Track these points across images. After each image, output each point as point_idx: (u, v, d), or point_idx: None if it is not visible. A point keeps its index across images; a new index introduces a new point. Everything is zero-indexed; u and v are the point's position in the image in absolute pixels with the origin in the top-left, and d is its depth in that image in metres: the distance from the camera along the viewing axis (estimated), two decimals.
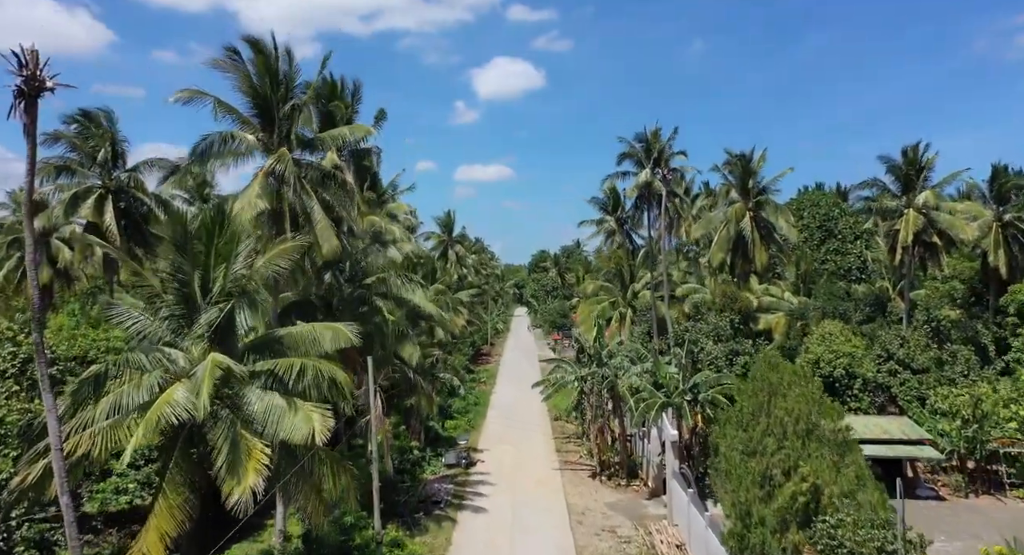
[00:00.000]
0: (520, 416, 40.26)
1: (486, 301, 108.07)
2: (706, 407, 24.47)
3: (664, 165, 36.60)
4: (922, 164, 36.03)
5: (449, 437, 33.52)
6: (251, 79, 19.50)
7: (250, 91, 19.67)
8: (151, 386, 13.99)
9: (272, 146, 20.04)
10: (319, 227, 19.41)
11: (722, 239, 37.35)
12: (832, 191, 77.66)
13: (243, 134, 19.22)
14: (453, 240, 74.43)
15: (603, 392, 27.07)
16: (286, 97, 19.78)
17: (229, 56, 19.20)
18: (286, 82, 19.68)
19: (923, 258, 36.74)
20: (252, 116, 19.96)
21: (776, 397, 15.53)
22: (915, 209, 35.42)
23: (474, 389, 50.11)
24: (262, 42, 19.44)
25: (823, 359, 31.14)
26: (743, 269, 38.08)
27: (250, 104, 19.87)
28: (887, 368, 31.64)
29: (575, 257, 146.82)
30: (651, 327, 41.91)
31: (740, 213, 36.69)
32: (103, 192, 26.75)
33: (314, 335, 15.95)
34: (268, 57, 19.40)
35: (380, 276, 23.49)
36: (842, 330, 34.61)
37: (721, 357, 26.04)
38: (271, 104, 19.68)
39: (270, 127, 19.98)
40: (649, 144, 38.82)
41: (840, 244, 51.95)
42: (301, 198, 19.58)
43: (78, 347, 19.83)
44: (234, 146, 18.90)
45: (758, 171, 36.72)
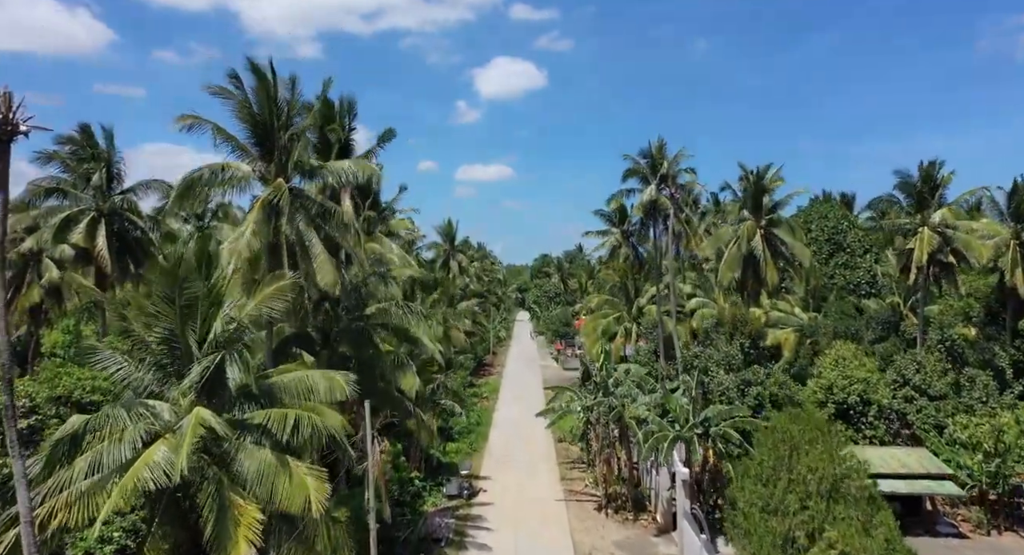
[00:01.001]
0: (523, 437, 39.37)
1: (488, 309, 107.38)
2: (717, 441, 23.55)
3: (671, 183, 35.68)
4: (937, 181, 35.10)
5: (451, 463, 32.63)
6: (250, 107, 18.68)
7: (249, 119, 18.84)
8: (133, 441, 13.12)
9: (269, 176, 19.21)
10: (318, 261, 18.56)
11: (732, 257, 36.41)
12: (837, 200, 76.78)
13: (237, 164, 18.38)
14: (455, 249, 73.63)
15: (610, 423, 26.16)
16: (286, 126, 18.94)
17: (230, 81, 18.38)
18: (286, 110, 18.85)
19: (938, 278, 35.78)
20: (250, 144, 19.13)
21: (798, 452, 14.62)
22: (930, 228, 34.47)
23: (476, 406, 49.22)
24: (263, 68, 18.61)
25: (836, 385, 30.21)
26: (753, 288, 37.14)
27: (249, 132, 19.06)
28: (903, 394, 30.69)
29: (578, 262, 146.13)
30: (657, 346, 40.98)
31: (751, 231, 35.74)
32: (96, 215, 25.94)
33: (308, 384, 15.06)
34: (268, 84, 18.57)
35: (380, 307, 22.61)
36: (855, 353, 33.67)
37: (733, 388, 25.14)
38: (270, 133, 18.85)
39: (268, 156, 19.14)
40: (654, 160, 37.95)
41: (849, 258, 51.01)
42: (299, 231, 18.73)
43: (62, 387, 18.95)
44: (227, 176, 18.03)
45: (772, 189, 35.76)
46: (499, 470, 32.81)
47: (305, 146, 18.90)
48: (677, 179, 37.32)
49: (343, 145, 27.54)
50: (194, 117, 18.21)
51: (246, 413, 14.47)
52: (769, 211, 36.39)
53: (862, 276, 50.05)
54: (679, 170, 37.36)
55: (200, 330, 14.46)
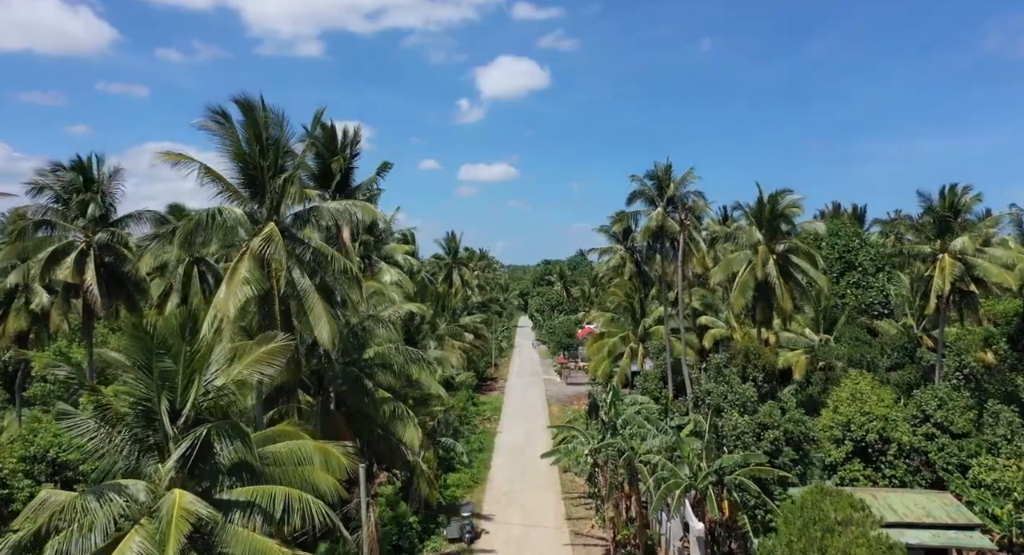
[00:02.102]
0: (527, 465, 38.19)
1: (490, 318, 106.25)
2: (733, 491, 22.38)
3: (681, 209, 34.52)
4: (959, 207, 33.91)
5: (452, 498, 31.48)
6: (240, 145, 17.61)
7: (239, 157, 17.79)
8: (105, 527, 12.03)
9: (261, 218, 18.12)
10: (314, 312, 17.45)
11: (744, 283, 35.24)
12: (847, 213, 75.47)
13: (230, 209, 17.27)
14: (457, 261, 72.60)
15: (618, 467, 24.99)
16: (276, 166, 17.85)
17: (216, 118, 17.32)
18: (276, 148, 17.75)
19: (959, 306, 34.57)
20: (241, 185, 18.05)
21: (830, 535, 13.45)
22: (951, 255, 33.28)
23: (478, 429, 48.06)
24: (252, 103, 17.53)
25: (855, 422, 29.00)
26: (764, 315, 35.96)
27: (239, 171, 17.98)
28: (923, 431, 29.44)
29: (580, 270, 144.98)
30: (665, 370, 39.84)
31: (764, 257, 34.55)
32: (85, 247, 24.88)
33: (301, 455, 13.99)
34: (258, 121, 17.50)
35: (378, 350, 21.50)
36: (873, 386, 32.47)
37: (749, 432, 23.97)
38: (261, 173, 17.77)
39: (260, 197, 18.06)
40: (660, 181, 36.89)
41: (861, 277, 49.76)
42: (293, 279, 17.63)
43: (36, 446, 17.85)
44: (222, 221, 16.92)
45: (791, 216, 34.58)
46: (502, 507, 31.66)
47: (299, 189, 17.75)
48: (686, 201, 36.18)
49: (344, 174, 26.56)
50: (179, 155, 17.16)
51: (233, 490, 13.37)
52: (784, 236, 35.22)
53: (874, 296, 48.83)
54: (687, 192, 36.24)
55: (180, 398, 13.39)
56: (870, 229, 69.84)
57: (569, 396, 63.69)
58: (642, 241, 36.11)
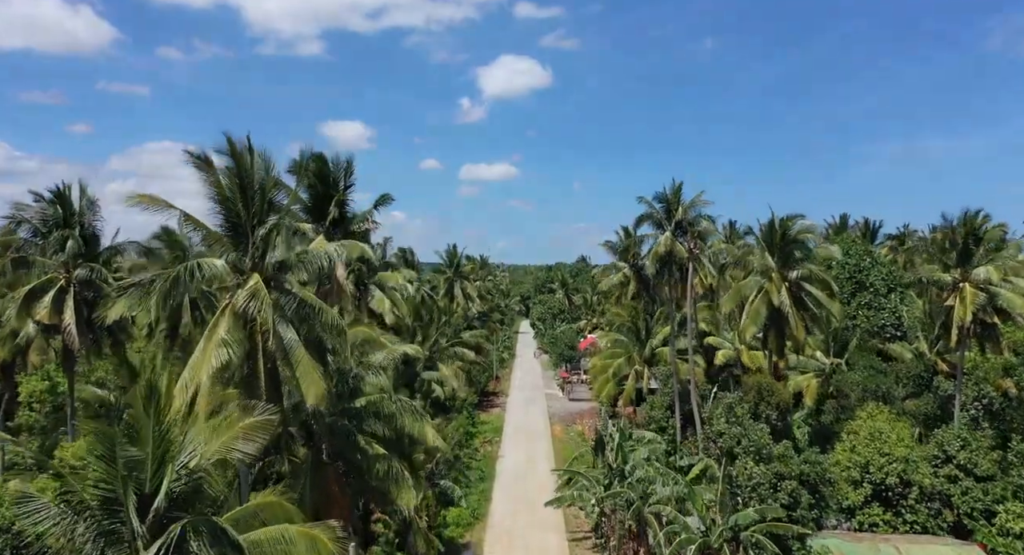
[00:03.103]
0: (530, 498, 36.88)
1: (492, 327, 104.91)
2: (749, 550, 21.08)
3: (690, 238, 33.19)
4: (981, 234, 32.60)
5: (452, 540, 30.19)
6: (223, 190, 16.36)
7: (222, 203, 16.52)
8: None
9: (245, 268, 16.85)
10: (301, 369, 16.17)
11: (755, 311, 33.90)
12: (858, 226, 73.94)
13: (211, 262, 15.98)
14: (458, 274, 71.36)
15: (627, 519, 23.71)
16: (263, 212, 16.59)
17: (197, 163, 16.07)
18: (263, 195, 16.48)
19: (979, 337, 33.23)
20: (224, 232, 16.79)
21: None
22: (973, 284, 31.94)
23: (478, 453, 46.78)
24: (237, 147, 16.26)
25: (873, 463, 27.72)
26: (776, 344, 34.63)
27: (223, 217, 16.73)
28: (945, 473, 28.14)
29: (582, 277, 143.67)
30: (672, 400, 38.55)
31: (777, 286, 33.22)
32: (65, 284, 23.65)
33: (286, 546, 12.71)
34: (243, 166, 16.23)
35: (371, 398, 20.25)
36: (890, 420, 31.19)
37: (765, 483, 22.69)
38: (246, 221, 16.51)
39: (244, 246, 16.78)
40: (669, 204, 35.60)
41: (872, 297, 48.33)
42: (278, 332, 16.36)
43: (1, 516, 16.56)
44: (202, 275, 15.66)
45: (804, 242, 33.26)
46: (504, 548, 30.34)
47: (287, 239, 16.48)
48: (696, 226, 34.87)
49: (339, 206, 25.35)
50: (154, 200, 15.92)
51: None
52: (797, 263, 33.88)
53: (887, 317, 47.38)
54: (696, 216, 34.94)
55: (151, 485, 12.12)
56: (881, 244, 68.44)
57: (572, 413, 62.38)
58: (651, 267, 34.74)
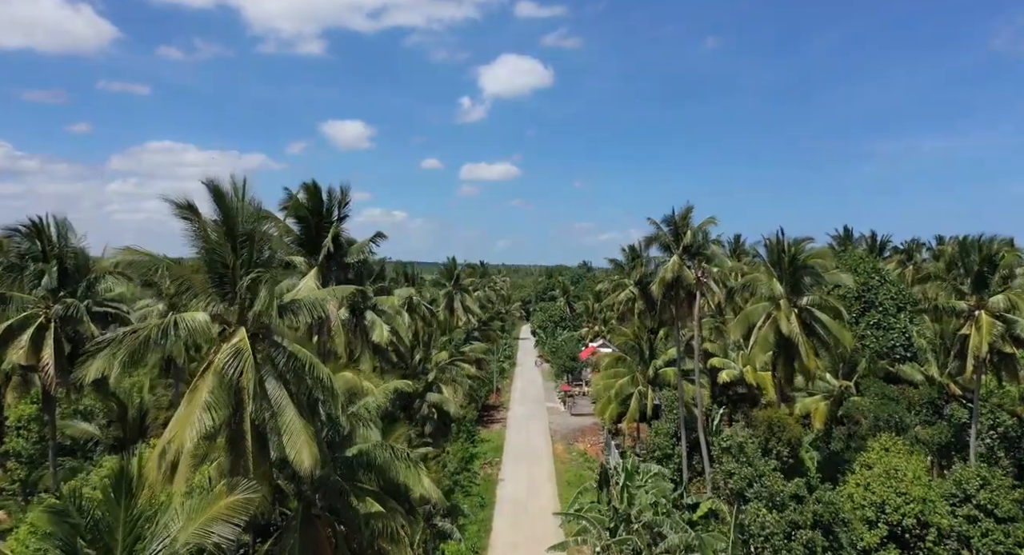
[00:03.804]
0: (532, 525, 35.84)
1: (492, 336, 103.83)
2: None
3: (697, 266, 32.11)
4: (996, 260, 31.56)
5: None
6: (209, 239, 15.30)
7: (207, 253, 15.46)
8: None
9: (231, 317, 15.79)
10: (290, 431, 15.08)
11: (763, 338, 32.84)
12: (864, 239, 72.93)
13: (192, 316, 14.91)
14: (458, 287, 70.33)
15: None
16: (251, 262, 15.52)
17: (183, 213, 15.03)
18: (251, 243, 15.42)
19: (996, 366, 32.19)
20: (209, 283, 15.71)
21: None
22: (989, 313, 30.90)
23: (478, 476, 45.68)
24: (223, 192, 15.21)
25: (889, 503, 26.63)
26: (785, 372, 33.55)
27: (207, 267, 15.66)
28: (964, 512, 27.08)
29: (583, 284, 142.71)
30: (679, 427, 37.46)
31: (786, 313, 32.15)
32: (44, 321, 22.59)
33: None
34: (230, 213, 15.18)
35: (362, 447, 19.18)
36: (903, 452, 30.13)
37: (779, 532, 21.63)
38: (232, 271, 15.44)
39: (230, 297, 15.70)
40: (678, 228, 34.52)
41: (882, 317, 47.33)
42: (266, 390, 15.29)
43: None
44: (180, 332, 14.58)
45: (814, 268, 32.19)
46: None
47: (271, 296, 15.38)
48: (704, 250, 33.81)
49: (335, 237, 24.29)
50: (136, 251, 14.90)
51: None
52: (808, 289, 32.84)
53: (896, 338, 46.38)
54: (704, 242, 33.88)
55: None
56: (888, 258, 67.39)
57: (573, 430, 61.35)
58: (658, 291, 33.64)
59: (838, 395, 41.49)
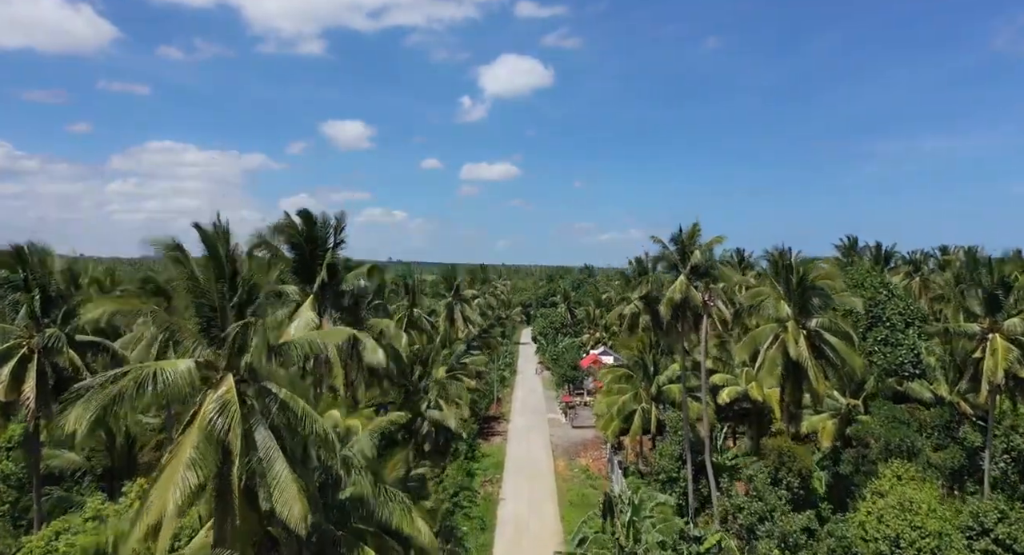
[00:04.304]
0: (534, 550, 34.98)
1: (492, 345, 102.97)
2: None
3: (705, 288, 31.25)
4: (1011, 281, 30.75)
5: None
6: (197, 281, 14.47)
7: (194, 292, 14.64)
8: None
9: (218, 365, 14.94)
10: (279, 484, 14.23)
11: (771, 360, 32.03)
12: (870, 249, 72.08)
13: (173, 365, 14.03)
14: (458, 298, 69.48)
15: None
16: (240, 304, 14.69)
17: (171, 257, 14.21)
18: (237, 284, 14.59)
19: (1012, 391, 31.35)
20: (197, 328, 14.89)
21: None
22: (1004, 336, 30.06)
23: (478, 495, 44.81)
24: (209, 234, 14.38)
25: (904, 538, 25.76)
26: (794, 396, 32.72)
27: (195, 310, 14.83)
28: (981, 547, 26.19)
29: (584, 290, 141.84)
30: (684, 451, 36.57)
31: (795, 335, 31.31)
32: (27, 353, 21.73)
33: None
34: (219, 255, 14.36)
35: (355, 490, 18.33)
36: (918, 484, 29.27)
37: None
38: (220, 315, 14.62)
39: (218, 342, 14.86)
40: (685, 247, 33.67)
41: (889, 333, 46.40)
42: (255, 440, 14.45)
43: None
44: (159, 386, 13.71)
45: (823, 289, 31.36)
46: None
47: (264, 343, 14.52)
48: (712, 271, 32.95)
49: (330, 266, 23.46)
50: (116, 300, 14.07)
51: None
52: (816, 311, 32.00)
53: (904, 354, 45.46)
54: (711, 262, 33.03)
55: None
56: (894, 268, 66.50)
57: (575, 443, 60.47)
58: (665, 312, 32.75)
59: (845, 413, 40.69)
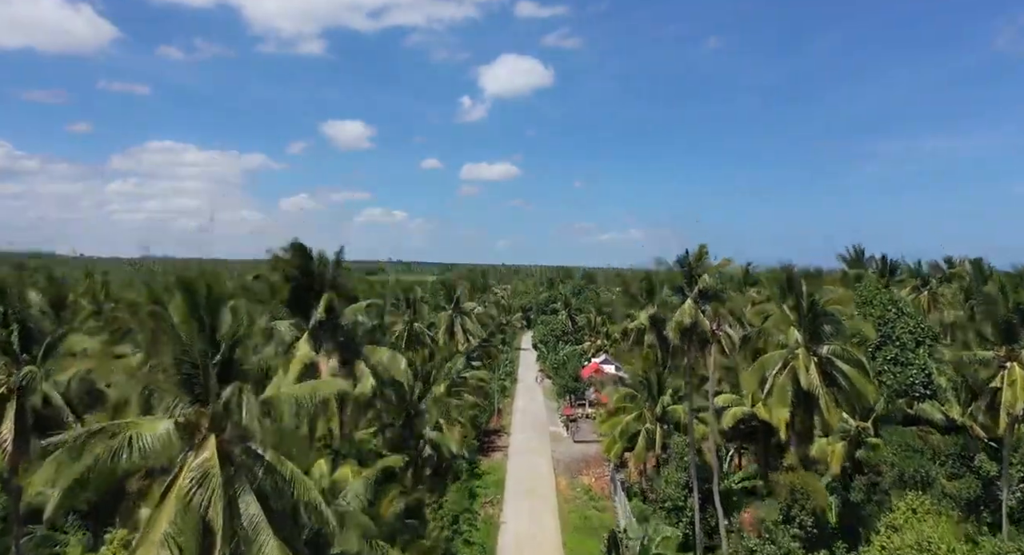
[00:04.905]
0: None
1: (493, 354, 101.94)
2: None
3: (713, 316, 30.24)
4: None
5: None
6: (179, 339, 13.52)
7: (177, 352, 13.67)
8: None
9: (202, 421, 13.96)
10: None
11: (780, 390, 31.01)
12: (875, 261, 71.02)
13: (151, 427, 13.06)
14: (458, 311, 68.55)
15: None
16: (224, 361, 13.73)
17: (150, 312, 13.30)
18: (222, 342, 13.62)
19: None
20: (177, 384, 13.91)
21: None
22: (1022, 366, 29.06)
23: (479, 517, 43.82)
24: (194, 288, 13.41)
25: None
26: (804, 425, 31.71)
27: (174, 366, 13.87)
28: None
29: (585, 296, 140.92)
30: (690, 479, 35.55)
31: (804, 364, 30.31)
32: (5, 392, 20.78)
33: None
34: (201, 313, 13.40)
35: (346, 551, 17.35)
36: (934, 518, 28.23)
37: None
38: (203, 373, 13.65)
39: (203, 398, 13.89)
40: (692, 270, 32.68)
41: (899, 352, 45.28)
42: (239, 510, 13.47)
43: None
44: (134, 452, 12.73)
45: (834, 315, 30.37)
46: None
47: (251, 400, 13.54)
48: (721, 296, 31.94)
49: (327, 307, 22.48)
50: (90, 359, 13.08)
51: None
52: (828, 338, 31.00)
53: (915, 374, 44.36)
54: (721, 286, 32.03)
55: None
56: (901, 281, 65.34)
57: (577, 460, 59.46)
58: (674, 336, 31.74)
59: (855, 436, 39.71)
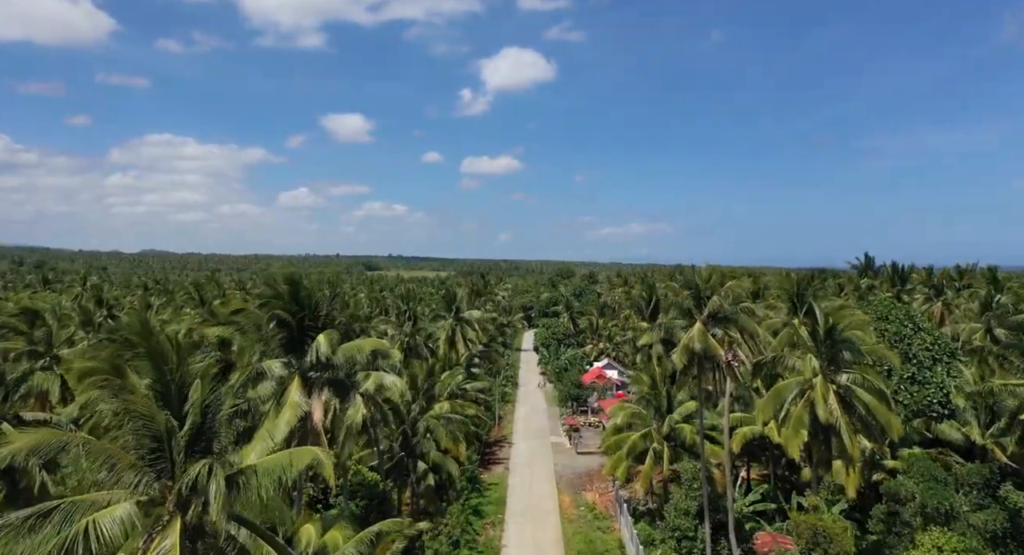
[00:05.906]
0: None
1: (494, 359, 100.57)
2: None
3: (727, 338, 28.67)
4: None
5: None
6: (138, 409, 11.97)
7: (137, 420, 12.14)
8: None
9: (166, 504, 12.44)
10: None
11: (797, 420, 29.51)
12: (886, 269, 69.42)
13: (109, 515, 11.52)
14: (459, 320, 67.02)
15: None
16: (193, 432, 12.20)
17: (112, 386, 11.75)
18: (188, 414, 12.09)
19: None
20: (143, 461, 12.38)
21: None
22: None
23: (479, 539, 42.43)
24: (160, 350, 11.88)
25: None
26: (822, 456, 30.20)
27: (133, 438, 12.33)
28: None
29: (587, 299, 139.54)
30: (702, 504, 34.08)
31: (823, 393, 28.77)
32: None
33: None
34: (165, 376, 11.87)
35: None
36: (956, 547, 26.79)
37: None
38: (165, 444, 12.13)
39: (168, 473, 12.37)
40: (700, 292, 31.12)
41: (916, 370, 43.72)
42: None
43: None
44: (88, 545, 11.21)
45: (853, 342, 28.82)
46: None
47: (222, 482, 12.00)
48: (734, 318, 30.33)
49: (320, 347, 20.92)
50: (35, 432, 11.60)
51: None
52: (847, 365, 29.47)
53: (933, 393, 42.81)
54: (732, 310, 30.43)
55: None
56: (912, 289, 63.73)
57: (580, 474, 58.04)
58: (679, 361, 30.20)
59: (870, 458, 38.21)
